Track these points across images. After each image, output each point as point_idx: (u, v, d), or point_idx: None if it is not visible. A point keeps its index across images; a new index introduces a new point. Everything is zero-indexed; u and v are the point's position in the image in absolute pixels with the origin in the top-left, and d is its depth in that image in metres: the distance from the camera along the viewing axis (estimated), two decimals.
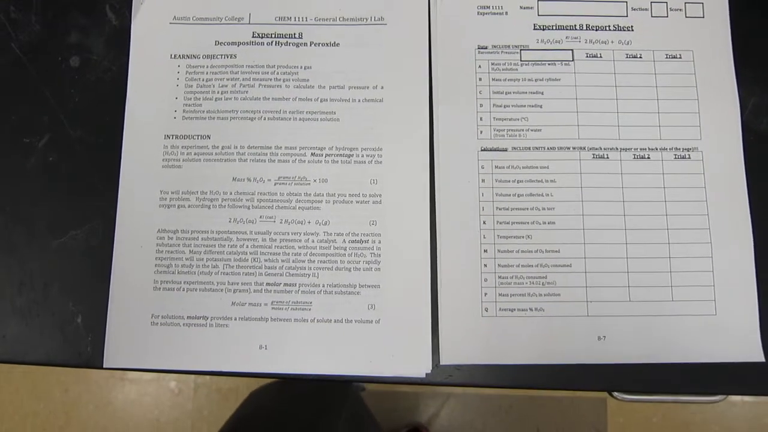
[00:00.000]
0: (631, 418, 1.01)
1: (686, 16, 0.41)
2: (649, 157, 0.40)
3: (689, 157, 0.40)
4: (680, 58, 0.41)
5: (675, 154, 0.40)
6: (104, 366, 0.38)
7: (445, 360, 0.37)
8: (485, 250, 0.38)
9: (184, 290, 0.38)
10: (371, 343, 0.38)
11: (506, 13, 0.41)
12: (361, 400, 0.78)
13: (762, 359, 0.38)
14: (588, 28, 0.41)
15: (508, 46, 0.41)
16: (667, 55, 0.41)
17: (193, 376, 1.04)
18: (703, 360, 0.38)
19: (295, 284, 0.38)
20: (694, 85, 0.40)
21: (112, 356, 0.38)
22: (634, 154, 0.40)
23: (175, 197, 0.39)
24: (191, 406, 1.04)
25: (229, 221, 0.39)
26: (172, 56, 0.41)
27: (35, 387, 1.04)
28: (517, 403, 1.02)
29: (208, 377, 1.04)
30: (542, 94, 0.40)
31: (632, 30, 0.41)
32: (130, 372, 1.05)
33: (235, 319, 0.38)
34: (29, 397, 1.03)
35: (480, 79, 0.40)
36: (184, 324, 0.38)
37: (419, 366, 0.37)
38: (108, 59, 0.41)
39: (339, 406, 0.66)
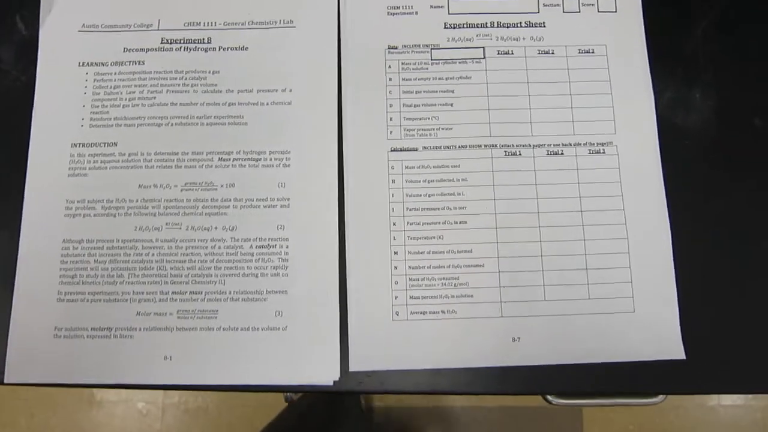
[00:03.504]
0: (608, 428, 0.98)
1: (599, 11, 0.41)
2: (562, 153, 0.39)
3: (604, 152, 0.39)
4: (593, 52, 0.40)
5: (589, 149, 0.39)
6: (5, 381, 0.37)
7: (354, 366, 0.36)
8: (395, 252, 0.37)
9: (88, 301, 0.37)
10: (279, 350, 0.36)
11: (416, 12, 0.41)
12: (362, 418, 0.75)
13: (683, 357, 0.36)
14: (499, 25, 0.40)
15: (419, 46, 0.40)
16: (579, 50, 0.40)
17: (161, 396, 1.03)
18: (623, 359, 0.37)
19: (201, 292, 0.37)
20: (607, 80, 0.40)
21: (13, 371, 0.37)
22: (548, 150, 0.39)
23: (80, 206, 0.38)
24: (159, 426, 1.02)
25: (135, 229, 0.38)
26: (81, 64, 0.40)
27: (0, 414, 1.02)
28: (491, 415, 1.00)
29: (176, 397, 1.02)
30: (453, 92, 0.39)
31: (544, 26, 0.40)
32: (98, 394, 1.03)
33: (140, 329, 0.37)
34: None
35: (390, 79, 0.40)
36: (87, 336, 0.37)
37: (327, 373, 0.36)
38: (17, 69, 0.41)
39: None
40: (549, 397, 0.39)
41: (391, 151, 0.39)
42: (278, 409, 0.75)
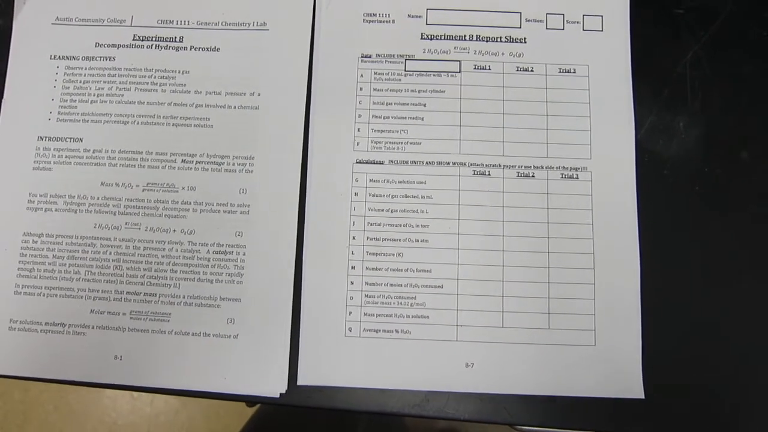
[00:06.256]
0: None
1: (584, 29, 0.39)
2: (533, 176, 0.37)
3: (577, 177, 0.37)
4: (574, 72, 0.38)
5: (562, 174, 0.37)
6: None
7: (302, 381, 0.36)
8: (353, 267, 0.37)
9: (44, 295, 0.37)
10: (227, 358, 0.36)
11: (393, 21, 0.39)
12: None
13: (642, 396, 0.35)
14: (478, 38, 0.39)
15: (393, 56, 0.39)
16: (560, 69, 0.39)
17: None
18: (580, 394, 0.35)
19: (156, 294, 0.37)
20: (587, 102, 0.38)
21: None
22: (518, 172, 0.37)
23: (43, 200, 0.38)
24: (149, 410, 1.03)
25: (95, 227, 0.38)
26: (52, 57, 0.40)
27: None
28: None
29: None
30: (425, 106, 0.38)
31: (525, 42, 0.39)
32: None
33: (93, 327, 0.37)
34: None
35: (361, 89, 0.39)
36: (41, 330, 0.37)
37: (274, 385, 0.35)
38: None
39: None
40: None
41: (357, 162, 0.38)
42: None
